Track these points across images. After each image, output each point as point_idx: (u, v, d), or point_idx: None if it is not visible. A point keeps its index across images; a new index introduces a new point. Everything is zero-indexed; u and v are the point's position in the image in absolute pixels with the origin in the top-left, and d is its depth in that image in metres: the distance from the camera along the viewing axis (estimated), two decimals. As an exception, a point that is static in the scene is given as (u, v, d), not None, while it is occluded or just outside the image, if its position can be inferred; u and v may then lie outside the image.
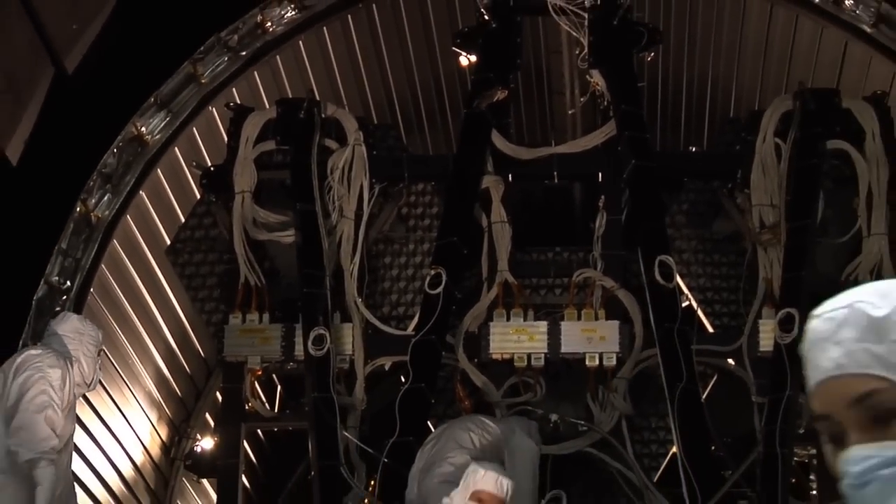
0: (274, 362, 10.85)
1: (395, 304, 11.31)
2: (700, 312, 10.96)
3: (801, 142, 10.58)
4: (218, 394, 11.89)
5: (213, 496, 11.65)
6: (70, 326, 8.98)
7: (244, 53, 11.29)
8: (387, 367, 10.90)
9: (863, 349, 2.34)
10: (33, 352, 8.58)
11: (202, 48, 11.13)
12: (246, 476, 11.64)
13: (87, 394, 10.11)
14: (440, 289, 10.34)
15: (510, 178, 11.15)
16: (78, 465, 10.08)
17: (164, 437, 12.28)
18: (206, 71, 11.16)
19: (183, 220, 11.65)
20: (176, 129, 11.15)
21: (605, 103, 11.20)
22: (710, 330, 10.85)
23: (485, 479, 8.26)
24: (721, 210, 11.16)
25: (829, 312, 2.42)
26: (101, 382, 10.25)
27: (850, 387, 2.34)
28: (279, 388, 11.81)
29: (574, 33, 11.21)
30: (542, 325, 10.58)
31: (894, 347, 2.33)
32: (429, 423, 10.27)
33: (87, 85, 10.36)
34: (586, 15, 11.05)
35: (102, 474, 11.18)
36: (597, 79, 11.17)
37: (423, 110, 13.12)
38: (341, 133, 10.98)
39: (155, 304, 11.88)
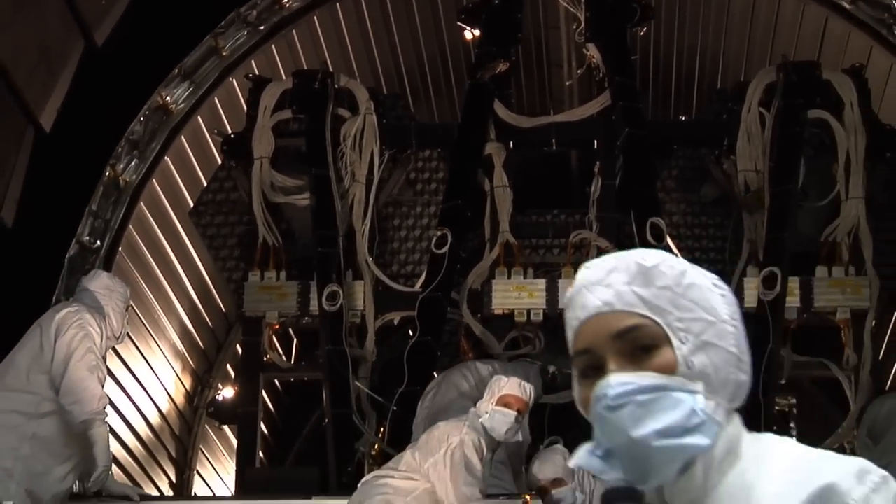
0: (290, 317, 10.90)
1: (404, 262, 11.33)
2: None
3: (784, 111, 10.59)
4: (238, 346, 11.93)
5: (234, 441, 11.70)
6: (100, 283, 8.98)
7: (262, 28, 11.29)
8: (396, 322, 10.93)
9: (631, 291, 2.42)
10: (71, 309, 8.55)
11: (223, 23, 11.14)
12: (264, 423, 11.68)
13: (116, 346, 10.16)
14: (446, 248, 10.39)
15: (511, 145, 11.18)
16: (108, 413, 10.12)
17: (187, 387, 12.33)
18: (226, 44, 11.17)
19: (205, 183, 11.67)
20: (198, 99, 11.16)
21: (601, 75, 11.22)
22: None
23: (509, 385, 8.25)
24: (708, 175, 11.16)
25: (601, 263, 2.50)
26: (129, 335, 10.29)
27: (615, 321, 2.41)
28: (295, 341, 11.87)
29: (571, 9, 11.24)
30: (541, 283, 10.62)
31: (659, 293, 2.42)
32: (434, 374, 10.31)
33: (115, 57, 10.36)
34: (584, -8, 11.11)
35: (130, 421, 11.23)
36: (593, 52, 11.20)
37: (429, 81, 13.12)
38: (353, 103, 11.00)
39: (179, 262, 11.91)
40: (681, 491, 2.33)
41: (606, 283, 2.45)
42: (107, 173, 10.78)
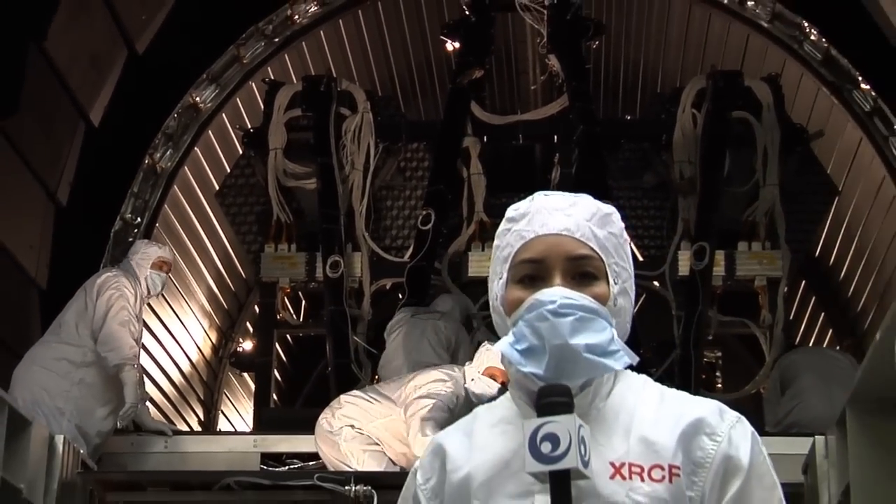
0: (300, 282, 10.89)
1: (395, 237, 11.33)
2: (633, 245, 10.97)
3: (713, 112, 10.61)
4: (256, 307, 11.93)
5: (252, 386, 11.71)
6: (136, 250, 8.99)
7: (277, 40, 11.26)
8: (388, 287, 10.95)
9: (588, 226, 2.45)
10: (109, 274, 8.57)
11: (244, 35, 11.11)
12: (277, 371, 11.70)
13: (154, 306, 10.18)
14: (430, 226, 10.41)
15: (485, 139, 11.17)
16: (147, 362, 10.13)
17: (213, 340, 12.32)
18: (247, 53, 11.14)
19: (229, 170, 11.65)
20: (223, 99, 11.13)
21: (560, 81, 11.20)
22: (641, 258, 10.89)
23: (497, 358, 7.79)
24: (650, 165, 11.19)
25: (562, 195, 2.54)
26: (164, 297, 10.31)
27: (571, 245, 2.43)
28: (304, 302, 11.86)
29: (536, 26, 11.22)
30: (509, 254, 10.59)
31: (609, 237, 2.47)
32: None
33: (153, 63, 10.34)
34: (545, 11, 11.08)
35: (166, 369, 11.24)
36: (553, 62, 11.19)
37: (417, 85, 13.09)
38: (353, 103, 10.98)
39: (207, 236, 11.90)
40: (576, 407, 2.30)
41: (568, 213, 2.47)
42: (146, 161, 10.76)
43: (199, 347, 12.02)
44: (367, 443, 7.72)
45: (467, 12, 11.34)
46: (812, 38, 10.80)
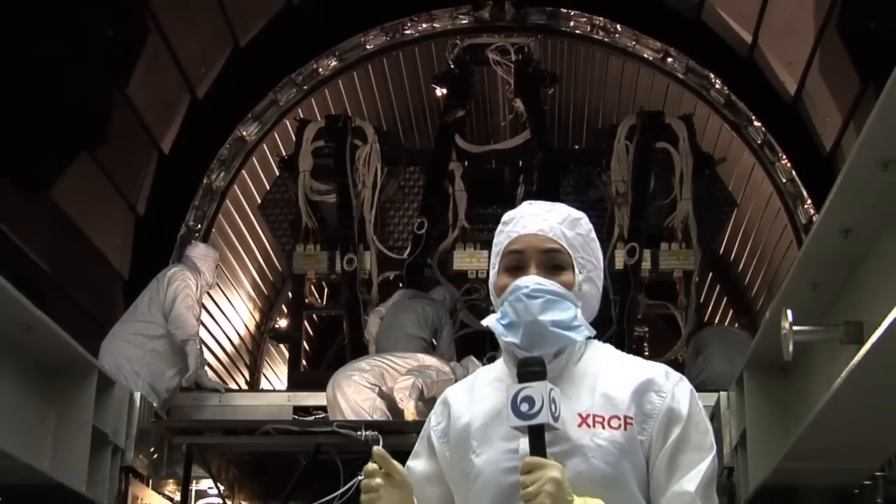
0: (323, 274, 10.86)
1: (397, 239, 11.33)
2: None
3: (641, 143, 10.62)
4: (289, 293, 11.90)
5: (287, 354, 11.70)
6: (198, 251, 9.01)
7: (305, 87, 11.22)
8: (391, 278, 10.93)
9: (560, 228, 2.48)
10: (176, 268, 8.61)
11: (280, 84, 11.09)
12: (307, 343, 11.69)
13: (211, 293, 10.14)
14: (424, 230, 10.46)
15: (466, 164, 11.18)
16: (206, 335, 10.13)
17: (257, 319, 12.31)
18: (282, 98, 11.11)
19: (268, 188, 11.63)
20: (264, 133, 11.10)
21: (524, 119, 11.23)
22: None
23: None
24: (593, 184, 11.21)
25: (542, 204, 2.56)
26: (218, 285, 10.28)
27: (545, 242, 2.46)
28: (326, 289, 11.85)
29: (505, 77, 11.24)
30: (485, 253, 10.61)
31: (576, 236, 2.49)
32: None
33: (210, 106, 10.34)
34: (513, 65, 11.10)
35: (220, 341, 11.24)
36: (519, 104, 11.20)
37: (413, 122, 13.07)
38: (364, 136, 10.95)
39: (251, 238, 11.88)
40: (552, 370, 2.35)
41: (544, 217, 2.50)
42: (204, 181, 10.73)
43: (245, 324, 12.01)
44: (386, 404, 7.92)
45: (452, 66, 11.34)
46: (717, 86, 10.83)
